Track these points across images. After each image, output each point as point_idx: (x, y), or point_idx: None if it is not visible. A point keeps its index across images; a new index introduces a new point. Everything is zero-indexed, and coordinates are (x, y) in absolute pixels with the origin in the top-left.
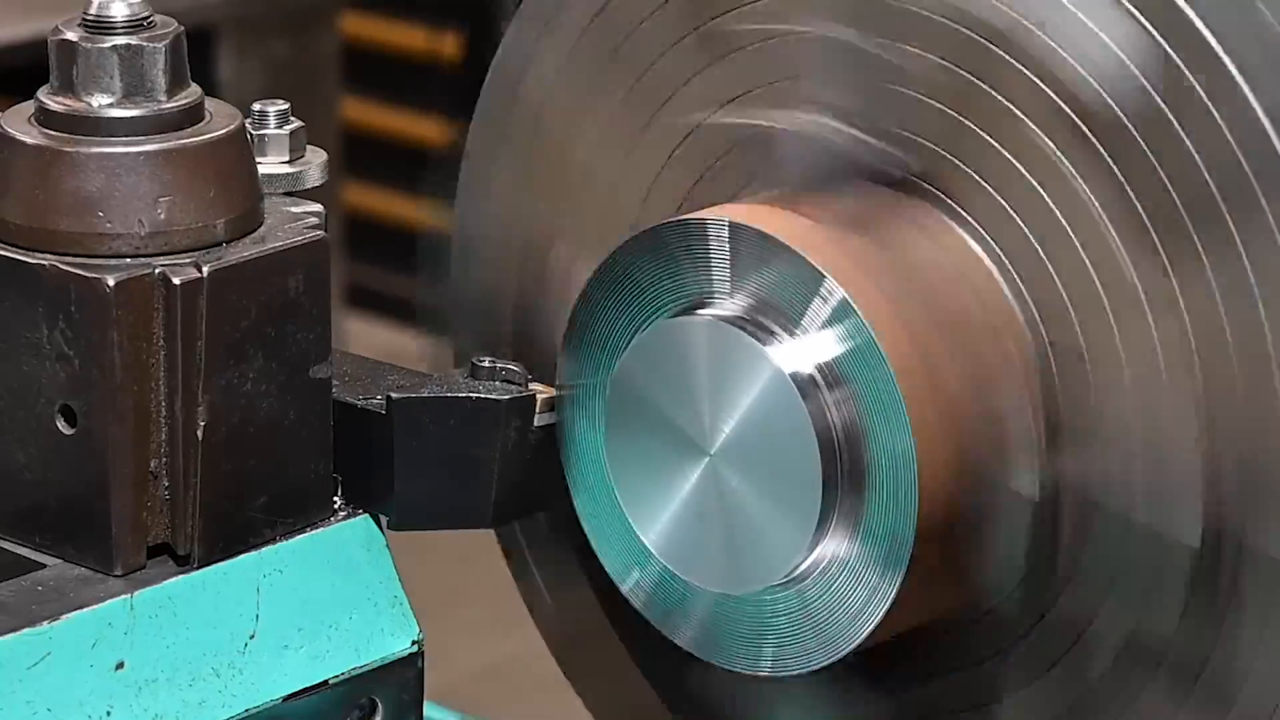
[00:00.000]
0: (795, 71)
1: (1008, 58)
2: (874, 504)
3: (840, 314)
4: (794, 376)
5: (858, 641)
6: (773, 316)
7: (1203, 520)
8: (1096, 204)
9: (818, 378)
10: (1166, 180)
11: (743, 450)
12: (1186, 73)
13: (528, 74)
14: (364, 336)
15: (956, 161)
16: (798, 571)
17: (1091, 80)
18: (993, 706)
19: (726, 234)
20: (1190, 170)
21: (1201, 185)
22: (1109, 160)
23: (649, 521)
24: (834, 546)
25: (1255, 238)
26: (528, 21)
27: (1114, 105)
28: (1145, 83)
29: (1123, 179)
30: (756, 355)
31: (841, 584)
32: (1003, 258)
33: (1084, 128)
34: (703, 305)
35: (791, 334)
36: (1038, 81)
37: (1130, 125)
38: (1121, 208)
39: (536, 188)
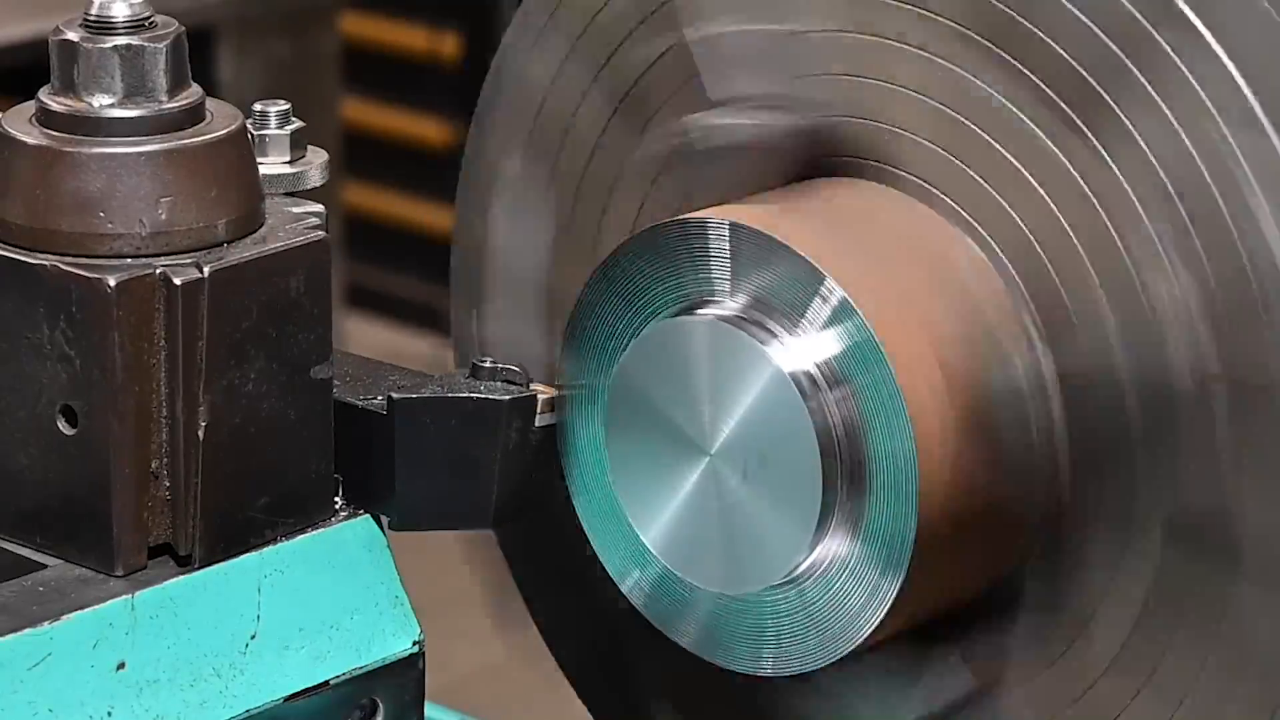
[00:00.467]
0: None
1: (997, 49)
2: (874, 504)
3: (840, 313)
4: (794, 376)
5: (858, 641)
6: (773, 316)
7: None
8: (1096, 203)
9: (818, 377)
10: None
11: (743, 450)
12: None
13: (532, 66)
14: (364, 336)
15: (953, 159)
16: (798, 571)
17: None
18: (995, 700)
19: (727, 233)
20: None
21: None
22: (1106, 157)
23: (649, 521)
24: (834, 546)
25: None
26: (533, 12)
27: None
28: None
29: (1122, 180)
30: (756, 355)
31: (842, 584)
32: (1003, 258)
33: (1077, 120)
34: (703, 305)
35: (791, 333)
36: (1036, 81)
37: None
38: (1123, 211)
39: (539, 181)
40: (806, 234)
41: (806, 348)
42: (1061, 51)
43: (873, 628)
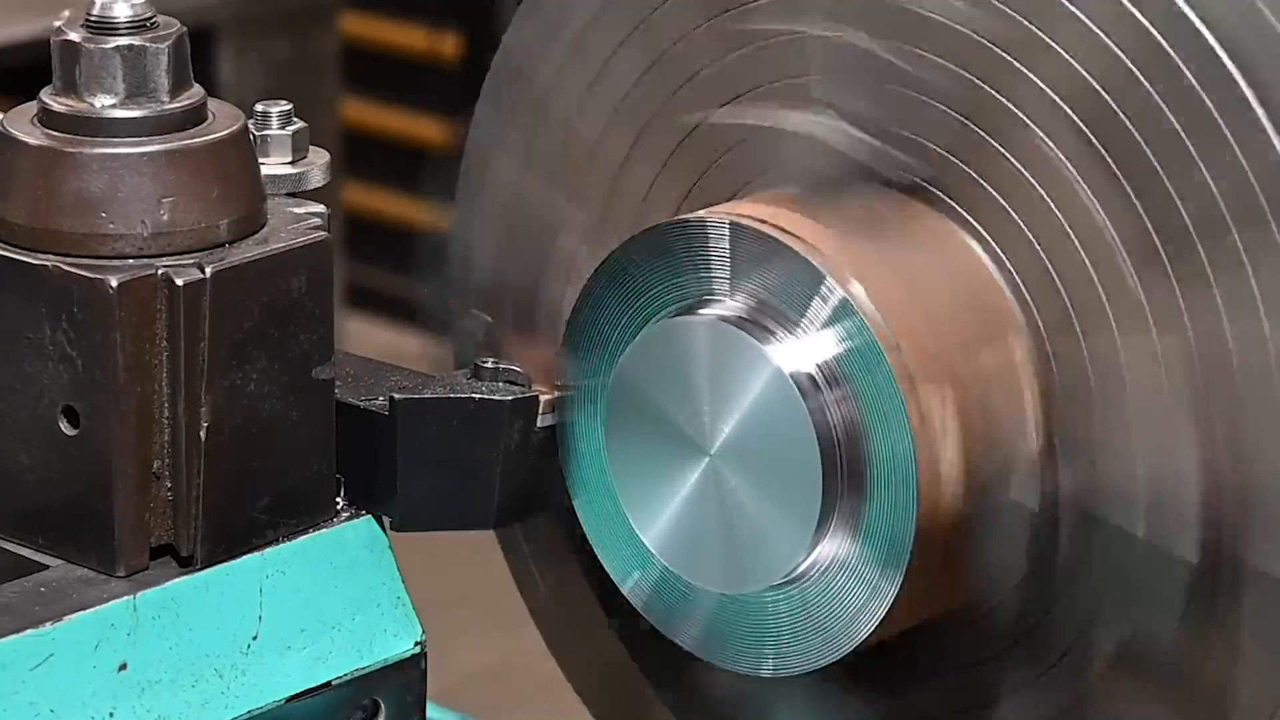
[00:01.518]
0: (803, 71)
1: (1018, 65)
2: (874, 504)
3: (840, 314)
4: (794, 376)
5: (858, 641)
6: (773, 316)
7: (1201, 535)
8: (1103, 215)
9: (818, 377)
10: (1174, 193)
11: (743, 450)
12: (1196, 85)
13: (535, 62)
14: (364, 336)
15: (965, 168)
16: (798, 571)
17: (1101, 90)
18: (989, 708)
19: (727, 233)
20: (1198, 184)
21: (1209, 199)
22: (1117, 171)
23: (649, 521)
24: (834, 546)
25: (1261, 252)
26: (534, 12)
27: (1122, 115)
28: (1153, 93)
29: (1130, 192)
30: (757, 355)
31: (842, 584)
32: (1008, 264)
33: (1092, 138)
34: (703, 305)
35: (792, 333)
36: (1047, 90)
37: (1139, 137)
38: (1129, 219)
39: (540, 180)
40: (806, 234)
41: (806, 348)
42: (1074, 63)
43: (873, 628)
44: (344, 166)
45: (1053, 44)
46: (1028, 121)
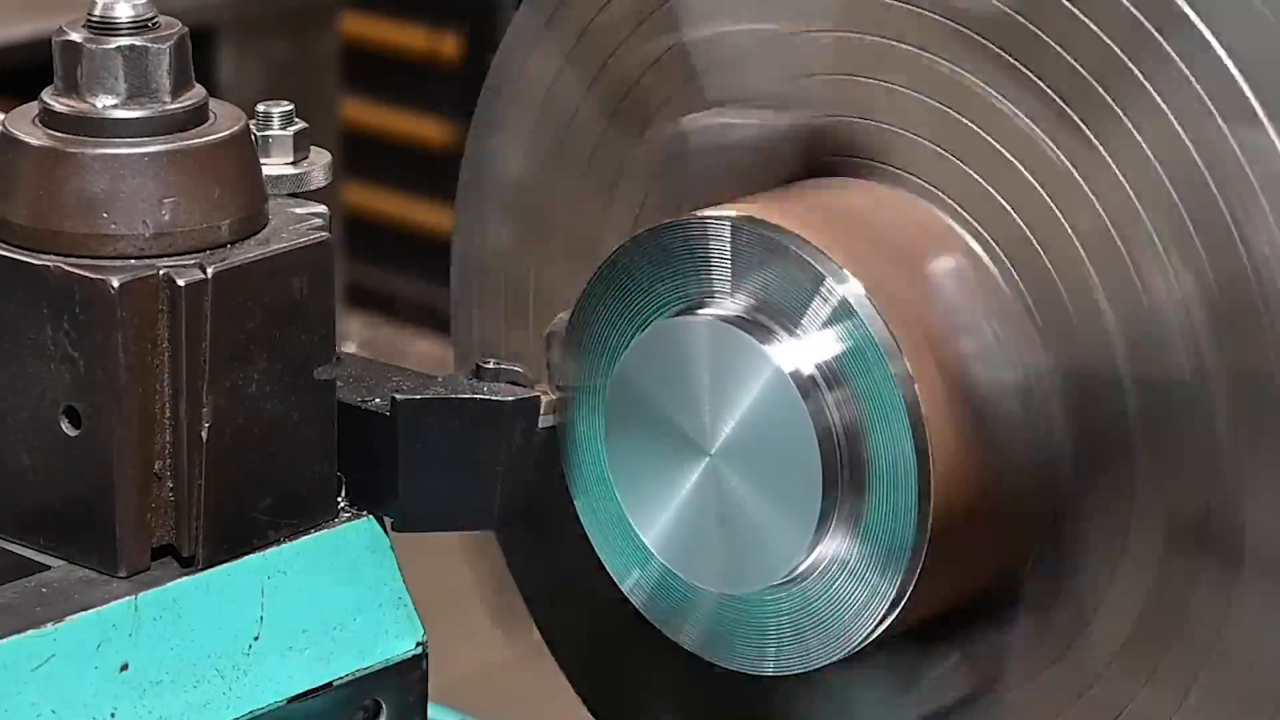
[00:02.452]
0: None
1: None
2: (874, 504)
3: (840, 313)
4: (794, 376)
5: (859, 641)
6: (773, 316)
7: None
8: (1098, 205)
9: (818, 377)
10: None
11: (743, 450)
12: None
13: (533, 64)
14: (364, 337)
15: (954, 159)
16: (798, 571)
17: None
18: (994, 700)
19: (727, 233)
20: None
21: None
22: (1095, 142)
23: (649, 521)
24: (834, 546)
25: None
26: (534, 11)
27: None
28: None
29: (1125, 182)
30: (757, 355)
31: (842, 584)
32: (1003, 258)
33: (1076, 119)
34: (703, 305)
35: (792, 333)
36: (1043, 85)
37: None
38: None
39: (540, 180)
40: (806, 234)
41: (806, 348)
42: (1061, 51)
43: (873, 627)
44: (344, 167)
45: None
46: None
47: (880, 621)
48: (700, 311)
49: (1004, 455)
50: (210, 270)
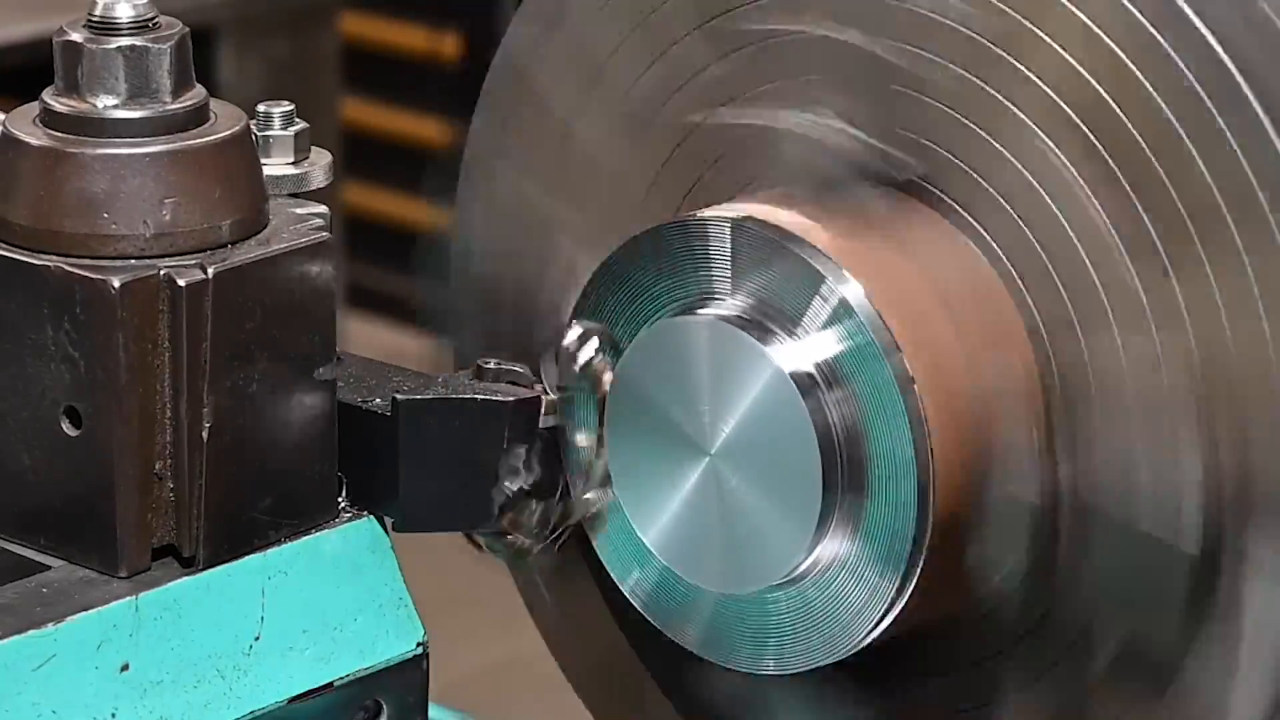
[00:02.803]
0: (799, 72)
1: (1014, 61)
2: (874, 504)
3: (840, 314)
4: (794, 376)
5: (859, 640)
6: (773, 316)
7: (1202, 529)
8: (1101, 211)
9: (818, 377)
10: (1170, 186)
11: (743, 450)
12: (1188, 74)
13: (533, 66)
14: (364, 336)
15: (963, 165)
16: (798, 571)
17: (1098, 86)
18: (991, 707)
19: (728, 233)
20: (1194, 176)
21: (1205, 192)
22: (1114, 167)
23: (649, 521)
24: (834, 546)
25: (1259, 245)
26: (533, 13)
27: (1120, 112)
28: (1149, 87)
29: (1128, 187)
30: (757, 355)
31: (842, 584)
32: (1005, 262)
33: (1090, 134)
34: (703, 304)
35: (792, 333)
36: (1042, 85)
37: (1136, 134)
38: (1126, 215)
39: (539, 181)
40: (806, 234)
41: (807, 348)
42: (1068, 57)
43: (873, 627)
44: (344, 167)
45: (1049, 39)
46: (1025, 118)
47: (880, 621)
48: (700, 311)
49: (1003, 452)
50: (211, 270)
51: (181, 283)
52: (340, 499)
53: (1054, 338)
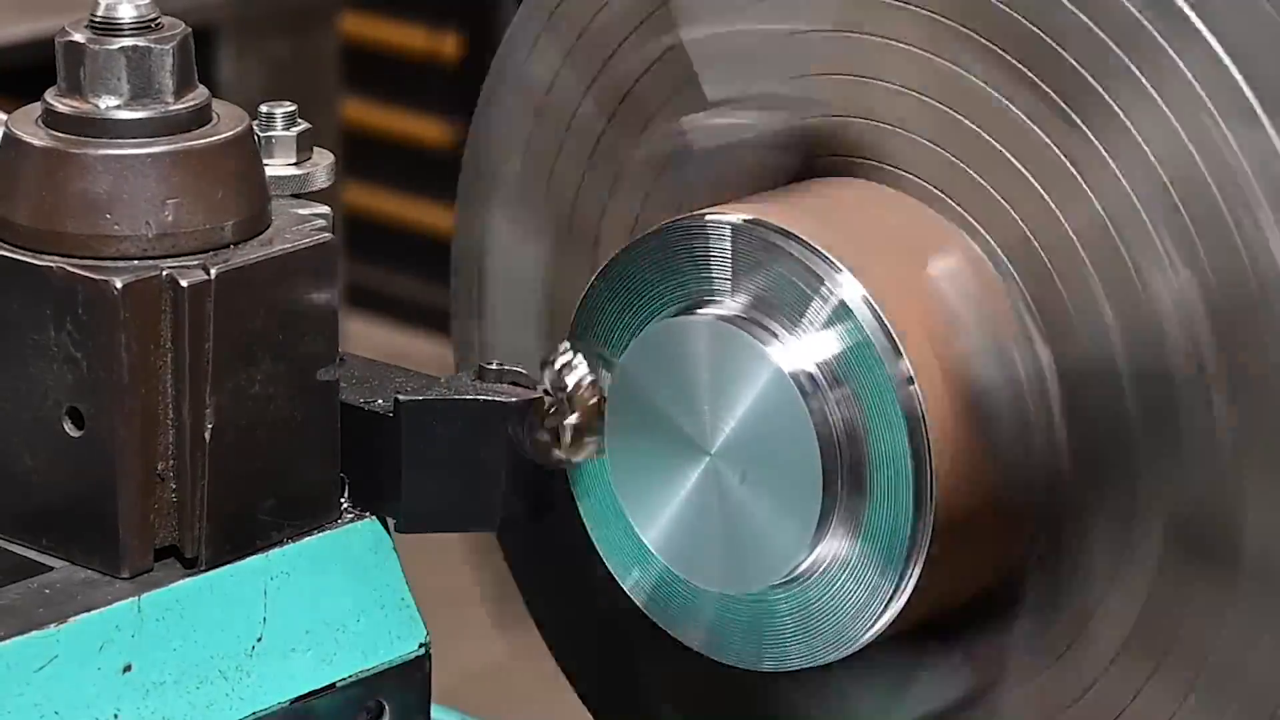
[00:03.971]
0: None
1: (994, 47)
2: (874, 503)
3: (840, 313)
4: (794, 376)
5: (859, 640)
6: (773, 316)
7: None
8: (1092, 194)
9: (818, 377)
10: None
11: (743, 450)
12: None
13: (528, 74)
14: (364, 337)
15: (953, 158)
16: (798, 571)
17: (1072, 61)
18: (993, 700)
19: (728, 233)
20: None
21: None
22: (1096, 143)
23: (649, 521)
24: (835, 546)
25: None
26: (527, 23)
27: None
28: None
29: (1115, 168)
30: (757, 355)
31: (842, 583)
32: (1002, 256)
33: (1075, 117)
34: (703, 305)
35: (792, 333)
36: (1026, 71)
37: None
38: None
39: (539, 184)
40: (807, 233)
41: (807, 347)
42: (1059, 49)
43: (873, 626)
44: (344, 167)
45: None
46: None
47: (881, 620)
48: (700, 311)
49: (1004, 454)
50: (213, 271)
51: (184, 283)
52: (343, 500)
53: (1054, 330)
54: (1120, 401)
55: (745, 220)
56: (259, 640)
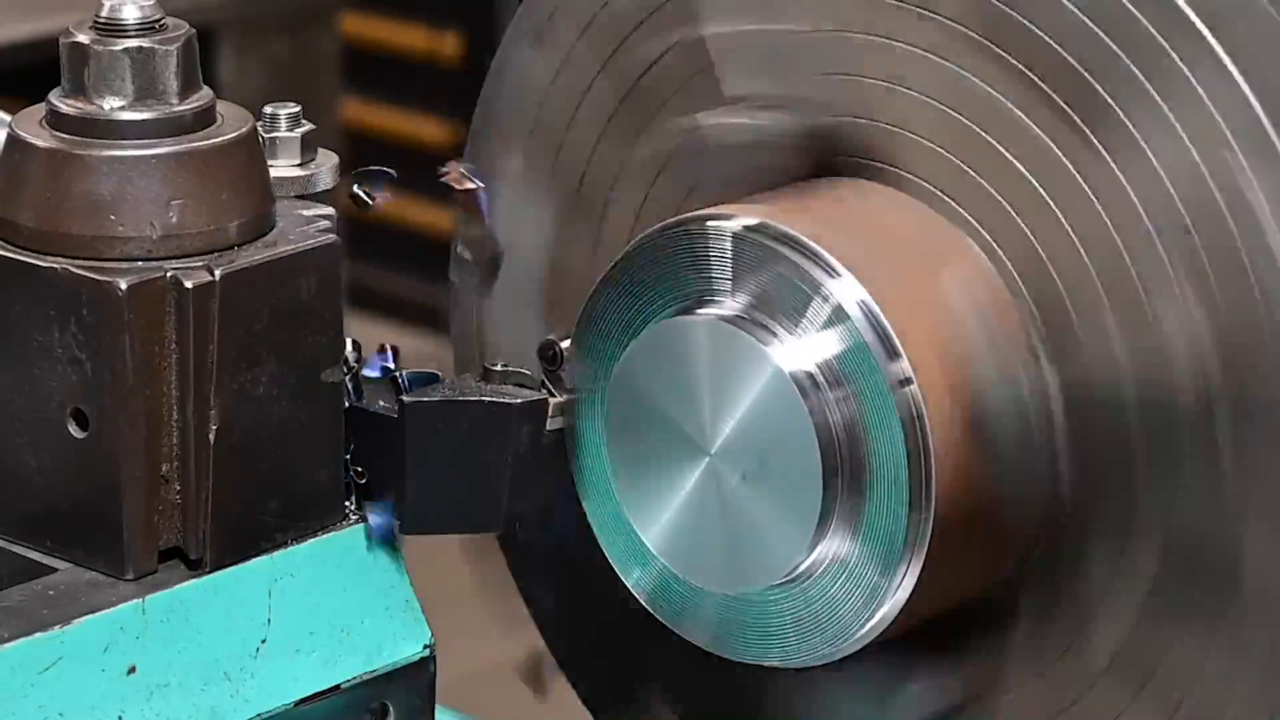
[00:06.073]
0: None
1: (1004, 53)
2: (874, 504)
3: (840, 314)
4: (794, 376)
5: (858, 640)
6: (773, 316)
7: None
8: (1094, 198)
9: (818, 377)
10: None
11: (743, 450)
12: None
13: (528, 72)
14: (364, 337)
15: (962, 165)
16: (798, 571)
17: (1080, 68)
18: (988, 705)
19: (728, 234)
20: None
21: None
22: (1102, 151)
23: (650, 521)
24: (834, 546)
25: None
26: (529, 20)
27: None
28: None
29: (1119, 173)
30: (757, 355)
31: (842, 583)
32: (1009, 266)
33: (1085, 129)
34: (703, 305)
35: (792, 333)
36: (1027, 71)
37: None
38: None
39: (538, 189)
40: (809, 234)
41: (807, 348)
42: (1068, 56)
43: (873, 626)
44: (344, 166)
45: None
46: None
47: (880, 621)
48: (700, 311)
49: (1004, 459)
50: (218, 272)
51: (188, 284)
52: (347, 501)
53: (1058, 343)
54: (1122, 416)
55: (746, 227)
56: (263, 642)
